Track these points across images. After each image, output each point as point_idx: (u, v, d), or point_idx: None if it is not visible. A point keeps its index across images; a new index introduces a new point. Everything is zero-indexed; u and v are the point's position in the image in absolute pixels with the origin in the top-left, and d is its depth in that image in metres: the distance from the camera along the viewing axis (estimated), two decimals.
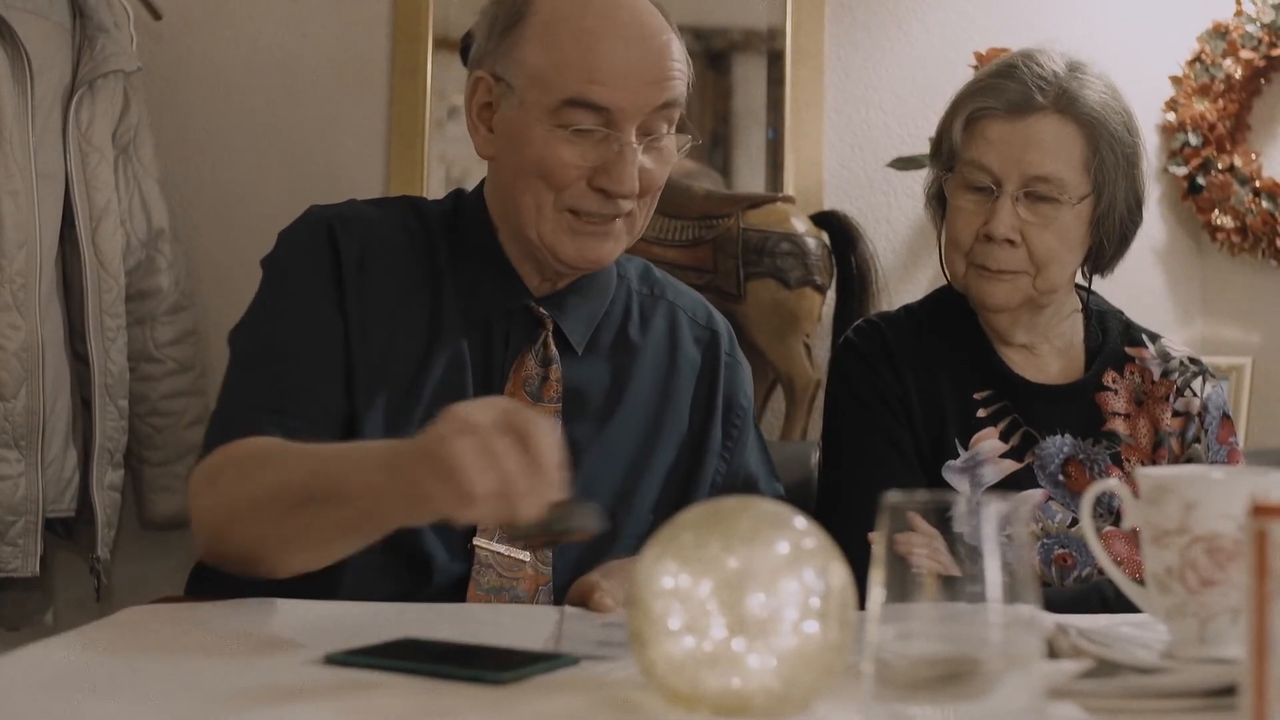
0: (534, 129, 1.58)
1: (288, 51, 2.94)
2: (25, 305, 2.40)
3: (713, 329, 1.80)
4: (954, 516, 0.91)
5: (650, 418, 1.70)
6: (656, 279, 1.81)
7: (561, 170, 1.57)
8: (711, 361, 1.77)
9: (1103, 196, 1.81)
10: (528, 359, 1.63)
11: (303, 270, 1.62)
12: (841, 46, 2.95)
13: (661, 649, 0.97)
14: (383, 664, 1.12)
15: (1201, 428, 1.86)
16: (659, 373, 1.72)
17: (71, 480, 2.51)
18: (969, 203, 1.82)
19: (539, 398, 1.62)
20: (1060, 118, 1.79)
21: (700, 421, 1.74)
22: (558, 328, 1.65)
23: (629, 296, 1.75)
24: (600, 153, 1.57)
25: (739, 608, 0.95)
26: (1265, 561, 0.84)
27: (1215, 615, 1.17)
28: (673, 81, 1.59)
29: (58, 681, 1.10)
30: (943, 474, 1.82)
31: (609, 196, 1.58)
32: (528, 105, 1.58)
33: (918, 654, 0.89)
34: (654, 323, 1.75)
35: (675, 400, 1.73)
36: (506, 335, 1.64)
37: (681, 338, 1.76)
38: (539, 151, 1.57)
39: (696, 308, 1.81)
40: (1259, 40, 2.82)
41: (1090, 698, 1.04)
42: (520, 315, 1.65)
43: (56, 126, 2.49)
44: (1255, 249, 2.85)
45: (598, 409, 1.66)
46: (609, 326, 1.71)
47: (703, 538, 0.98)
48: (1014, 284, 1.81)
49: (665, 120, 1.60)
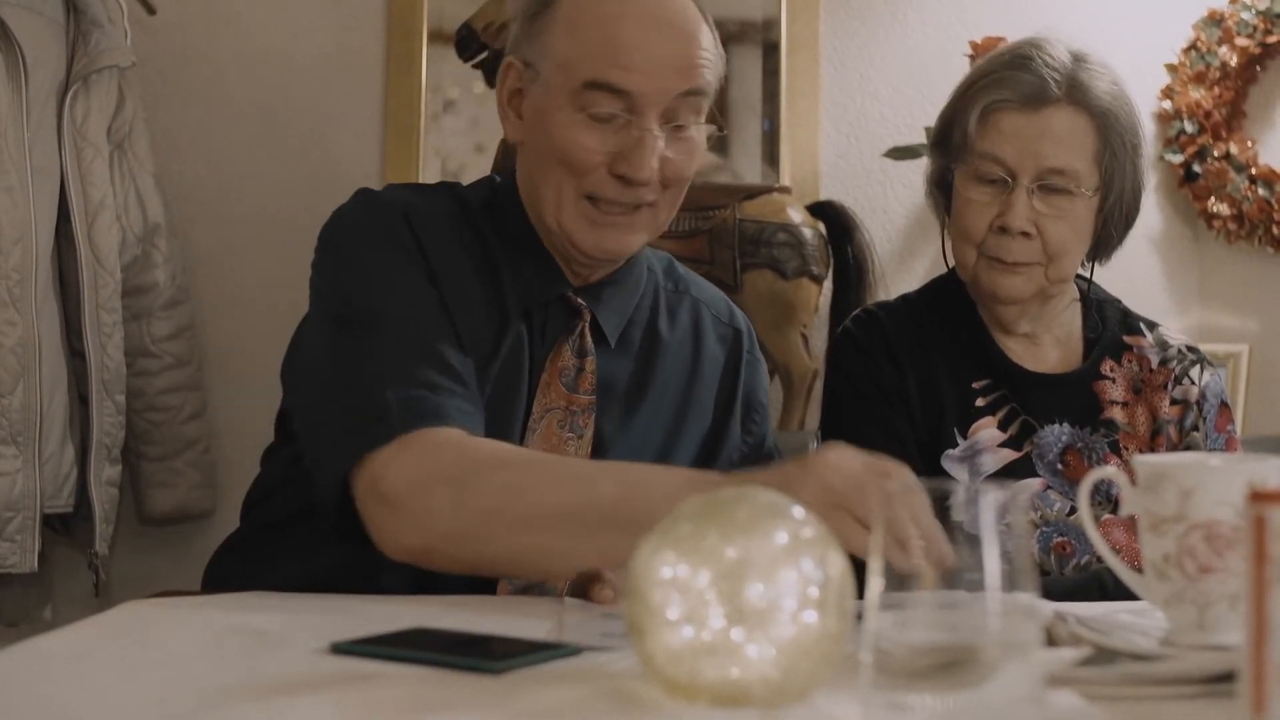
0: (556, 113, 1.56)
1: (282, 46, 2.94)
2: (21, 301, 2.40)
3: (735, 326, 1.80)
4: (952, 505, 0.91)
5: (675, 412, 1.70)
6: (680, 275, 1.80)
7: (581, 155, 1.56)
8: (734, 359, 1.77)
9: (1112, 188, 1.82)
10: (564, 349, 1.62)
11: (392, 244, 1.57)
12: (837, 37, 2.95)
13: (660, 639, 0.97)
14: (385, 653, 1.12)
15: (1200, 415, 1.86)
16: (684, 368, 1.72)
17: (69, 476, 2.51)
18: (982, 195, 1.82)
19: (574, 389, 1.62)
20: (1073, 110, 1.79)
21: (720, 417, 1.75)
22: (593, 319, 1.65)
23: (656, 291, 1.75)
24: (621, 139, 1.55)
25: (738, 598, 0.95)
26: (1263, 547, 0.84)
27: (1213, 602, 1.17)
28: (699, 69, 1.57)
29: (57, 676, 1.10)
30: (941, 463, 1.82)
31: (628, 184, 1.56)
32: (552, 90, 1.57)
33: (916, 642, 0.89)
34: (680, 318, 1.75)
35: (699, 396, 1.73)
36: (544, 325, 1.63)
37: (705, 334, 1.76)
38: (560, 135, 1.56)
39: (719, 305, 1.81)
40: (1254, 27, 2.82)
41: (1089, 685, 1.04)
42: (557, 306, 1.64)
43: (51, 122, 2.49)
44: (1252, 236, 2.85)
45: (626, 402, 1.66)
46: (639, 320, 1.71)
47: (701, 528, 0.98)
48: (1028, 276, 1.81)
49: (691, 110, 1.58)
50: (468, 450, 1.43)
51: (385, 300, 1.53)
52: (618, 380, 1.66)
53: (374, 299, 1.53)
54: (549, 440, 1.60)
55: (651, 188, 1.58)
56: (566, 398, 1.61)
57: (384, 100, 2.93)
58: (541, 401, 1.61)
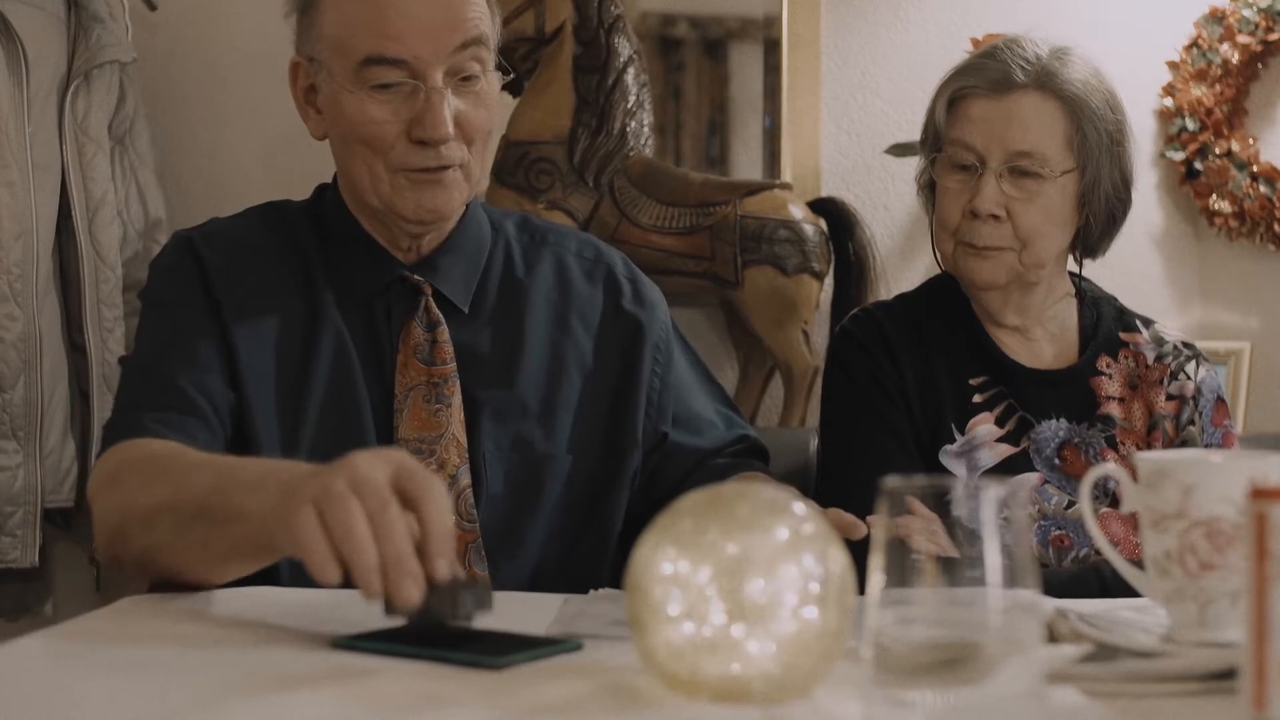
0: (343, 96, 1.58)
1: (283, 41, 2.92)
2: (23, 296, 2.40)
3: (606, 262, 1.78)
4: (952, 500, 0.91)
5: (552, 360, 1.69)
6: (536, 226, 1.79)
7: (377, 130, 1.57)
8: (613, 294, 1.75)
9: (1087, 172, 1.83)
10: (413, 327, 1.63)
11: (173, 287, 1.63)
12: (837, 33, 2.95)
13: (661, 635, 0.97)
14: (387, 649, 1.12)
15: (1196, 410, 1.87)
16: (551, 316, 1.71)
17: (70, 471, 2.51)
18: (955, 182, 1.84)
19: (431, 362, 1.62)
20: (1041, 94, 1.81)
21: (616, 358, 1.71)
22: (437, 291, 1.65)
23: (508, 247, 1.74)
24: (410, 105, 1.56)
25: (738, 594, 0.95)
26: (1264, 545, 0.84)
27: (1215, 599, 1.17)
28: (469, 21, 1.58)
29: (59, 671, 1.10)
30: (940, 458, 1.83)
31: (429, 146, 1.57)
32: (335, 75, 1.59)
33: (917, 639, 0.89)
34: (539, 268, 1.73)
35: (573, 339, 1.71)
36: (388, 309, 1.64)
37: (571, 275, 1.74)
38: (353, 116, 1.58)
39: (585, 244, 1.79)
40: (1256, 25, 2.81)
41: (1090, 682, 1.04)
42: (397, 287, 1.65)
43: (52, 118, 2.49)
44: (1253, 234, 2.85)
45: (494, 362, 1.66)
46: (491, 280, 1.70)
47: (702, 524, 0.98)
48: (999, 260, 1.82)
49: (474, 60, 1.59)
50: (129, 453, 1.47)
51: (144, 341, 1.62)
52: (479, 342, 1.66)
53: (157, 345, 1.60)
54: (418, 416, 1.60)
55: (454, 147, 1.58)
56: (426, 372, 1.62)
57: None
58: (402, 382, 1.62)
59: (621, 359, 1.72)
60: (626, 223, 2.71)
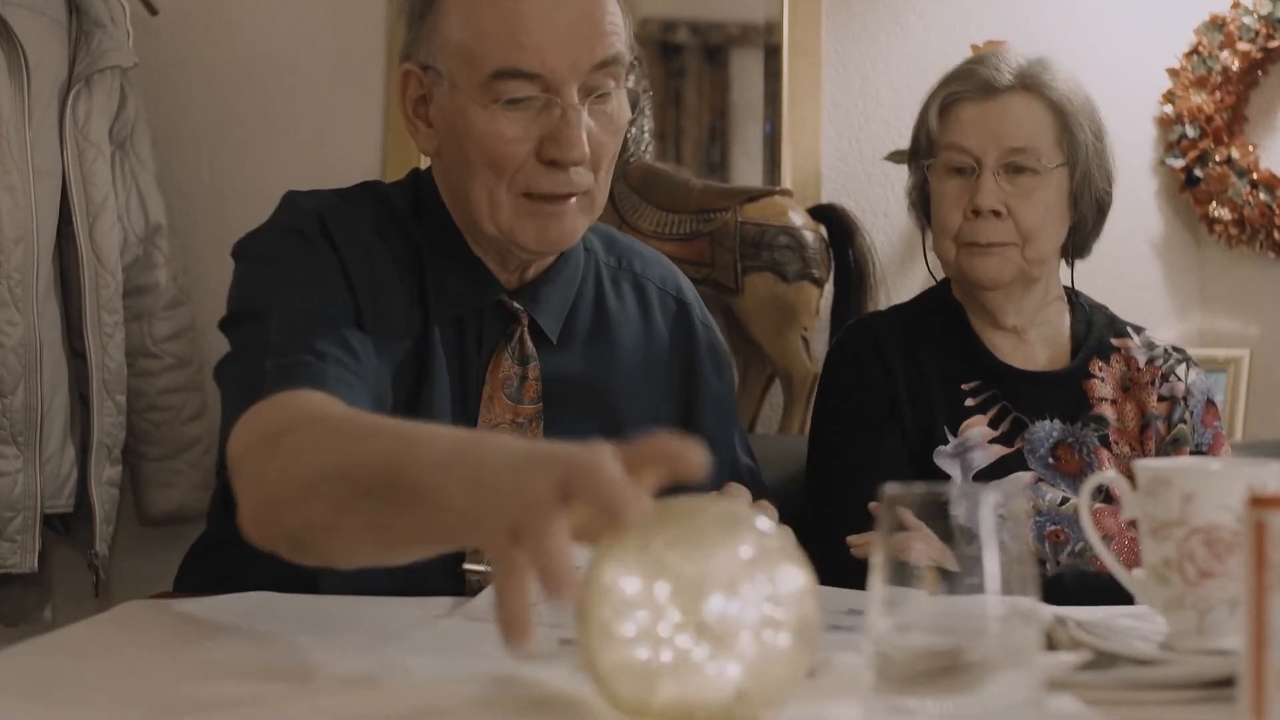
0: (470, 111, 1.47)
1: (284, 47, 2.94)
2: (23, 301, 2.40)
3: (687, 303, 1.72)
4: (949, 504, 0.91)
5: (631, 398, 1.62)
6: (623, 248, 1.71)
7: (506, 148, 1.47)
8: (685, 338, 1.69)
9: (1077, 169, 1.88)
10: (504, 359, 1.56)
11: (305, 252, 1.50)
12: (838, 40, 2.95)
13: (615, 657, 0.91)
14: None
15: (1187, 409, 1.92)
16: (636, 351, 1.65)
17: (70, 476, 2.51)
18: (953, 186, 1.89)
19: (519, 399, 1.55)
20: (1027, 95, 1.88)
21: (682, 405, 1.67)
22: (532, 321, 1.57)
23: (598, 270, 1.66)
24: (543, 122, 1.46)
25: (695, 613, 0.89)
26: (1263, 553, 0.84)
27: (1213, 607, 1.17)
28: (608, 37, 1.47)
29: (57, 677, 1.10)
30: (934, 459, 1.85)
31: (561, 168, 1.47)
32: (459, 87, 1.48)
33: (917, 646, 0.89)
34: (626, 300, 1.66)
35: (653, 376, 1.65)
36: (479, 334, 1.56)
37: (652, 310, 1.68)
38: (480, 133, 1.47)
39: (667, 280, 1.73)
40: (1256, 32, 2.82)
41: (1088, 689, 1.04)
42: (492, 311, 1.57)
43: (53, 122, 2.49)
44: (1253, 241, 2.85)
45: (578, 397, 1.59)
46: (583, 308, 1.63)
47: (654, 541, 0.91)
48: (1004, 256, 1.87)
49: (610, 78, 1.49)
50: (303, 407, 1.27)
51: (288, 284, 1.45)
52: (566, 375, 1.58)
53: (277, 287, 1.45)
54: None
55: (583, 172, 1.49)
56: (512, 410, 1.55)
57: (384, 100, 2.93)
58: (486, 417, 1.54)
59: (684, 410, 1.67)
60: (626, 228, 2.71)
